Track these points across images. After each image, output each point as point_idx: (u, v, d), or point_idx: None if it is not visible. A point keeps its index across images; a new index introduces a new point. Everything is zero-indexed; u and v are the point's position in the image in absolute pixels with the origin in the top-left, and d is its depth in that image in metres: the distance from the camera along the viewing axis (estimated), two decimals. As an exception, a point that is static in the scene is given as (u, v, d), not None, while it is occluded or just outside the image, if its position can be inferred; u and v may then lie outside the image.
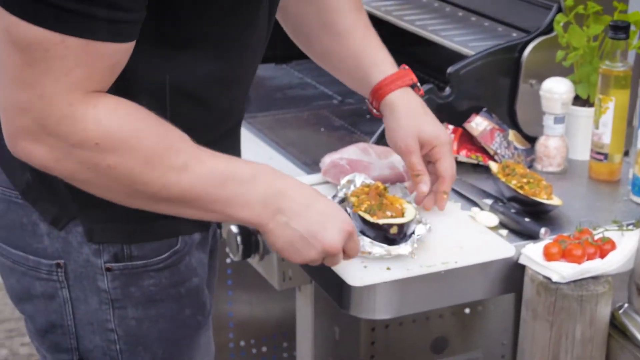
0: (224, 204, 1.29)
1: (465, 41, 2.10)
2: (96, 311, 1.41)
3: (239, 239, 1.90)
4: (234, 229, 1.92)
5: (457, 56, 2.03)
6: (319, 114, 2.21)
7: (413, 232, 1.55)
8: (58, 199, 1.37)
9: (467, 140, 1.92)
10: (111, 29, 1.18)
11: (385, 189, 1.58)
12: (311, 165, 1.87)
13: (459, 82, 1.92)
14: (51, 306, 1.42)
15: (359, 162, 1.76)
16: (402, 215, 1.54)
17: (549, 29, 1.96)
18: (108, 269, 1.38)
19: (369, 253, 1.53)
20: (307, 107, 2.25)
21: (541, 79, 1.93)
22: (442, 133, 1.60)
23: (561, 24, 1.93)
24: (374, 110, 1.66)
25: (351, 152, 1.79)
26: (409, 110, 1.60)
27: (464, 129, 1.92)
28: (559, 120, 1.89)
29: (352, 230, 1.38)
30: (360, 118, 2.19)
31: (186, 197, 1.27)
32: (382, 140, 1.87)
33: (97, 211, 1.36)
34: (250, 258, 1.93)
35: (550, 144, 1.90)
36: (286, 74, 2.45)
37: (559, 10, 1.96)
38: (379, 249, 1.53)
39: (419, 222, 1.57)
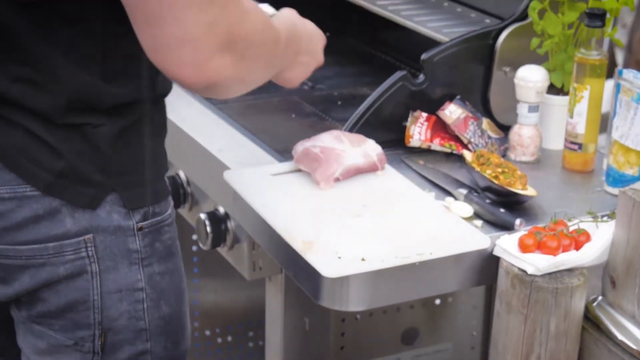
0: (294, 53, 1.54)
1: (439, 27, 2.07)
2: (126, 275, 1.43)
3: (208, 227, 1.87)
4: (203, 216, 1.89)
5: (431, 42, 2.00)
6: (290, 100, 2.17)
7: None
8: (93, 180, 1.38)
9: (441, 128, 1.89)
10: None
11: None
12: (283, 152, 1.84)
13: (432, 69, 1.89)
14: (75, 284, 1.41)
15: (332, 150, 1.73)
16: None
17: (524, 15, 1.94)
18: (140, 229, 1.43)
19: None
20: (278, 93, 2.20)
21: (515, 66, 1.90)
22: None
23: (536, 10, 1.90)
24: None
25: (324, 139, 1.76)
26: None
27: (438, 117, 1.90)
28: (533, 108, 1.87)
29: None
30: (331, 104, 2.16)
31: (277, 64, 1.47)
32: (355, 128, 1.84)
33: (131, 179, 1.41)
34: (219, 247, 1.90)
35: (524, 133, 1.88)
36: (255, 58, 2.41)
37: (534, -4, 1.94)
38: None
39: None
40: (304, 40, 1.59)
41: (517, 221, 1.62)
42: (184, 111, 2.03)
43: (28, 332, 1.47)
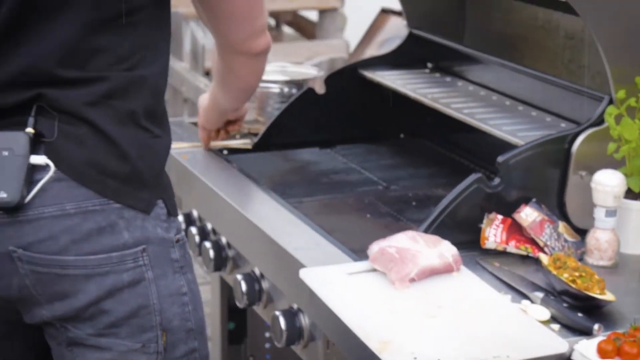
0: None
1: (514, 130, 2.09)
2: (172, 281, 1.63)
3: (283, 325, 1.88)
4: (278, 313, 1.90)
5: (506, 145, 2.02)
6: (365, 199, 2.20)
7: None
8: (150, 185, 1.60)
9: (516, 230, 1.90)
10: None
11: None
12: (358, 252, 1.85)
13: (508, 172, 1.91)
14: (136, 291, 1.59)
15: (407, 250, 1.74)
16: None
17: (600, 120, 1.95)
18: (177, 241, 1.64)
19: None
20: (353, 193, 2.24)
21: (592, 170, 1.90)
22: None
23: (613, 116, 1.91)
24: None
25: (400, 239, 1.77)
26: None
27: (513, 219, 1.90)
28: (610, 213, 1.87)
29: None
30: (406, 205, 2.18)
31: None
32: (430, 229, 1.86)
33: (169, 191, 1.65)
34: (294, 345, 1.90)
35: (601, 237, 1.87)
36: (331, 159, 2.45)
37: (610, 102, 1.95)
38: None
39: None
40: None
41: (596, 326, 1.60)
42: (260, 210, 2.06)
43: (90, 349, 1.60)
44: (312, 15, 7.02)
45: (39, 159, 1.53)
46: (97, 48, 1.55)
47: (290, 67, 2.65)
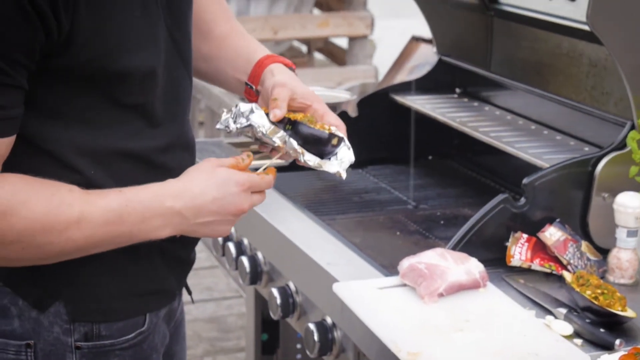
0: (128, 237, 1.43)
1: (539, 153, 2.16)
2: None
3: (316, 336, 1.96)
4: (311, 326, 1.98)
5: (531, 168, 2.09)
6: (395, 218, 2.28)
7: (336, 153, 1.62)
8: (41, 281, 1.46)
9: (541, 249, 1.97)
10: None
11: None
12: (389, 267, 1.93)
13: (533, 193, 1.98)
14: None
15: (436, 267, 1.82)
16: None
17: (622, 144, 2.02)
18: (77, 347, 1.48)
19: (302, 154, 1.58)
20: (383, 211, 2.32)
21: (614, 192, 1.97)
22: (315, 95, 1.70)
23: (635, 140, 1.98)
24: (253, 88, 1.73)
25: (429, 256, 1.85)
26: (288, 75, 1.70)
27: (538, 238, 1.98)
28: (631, 233, 1.94)
29: (245, 208, 1.51)
30: (434, 223, 2.25)
31: (93, 242, 1.40)
32: (458, 246, 1.93)
33: (82, 291, 1.47)
34: (325, 356, 1.98)
35: (622, 257, 1.94)
36: (362, 178, 2.54)
37: (632, 127, 2.02)
38: (312, 158, 1.58)
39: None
40: (196, 208, 1.48)
41: (617, 341, 1.67)
42: (295, 226, 2.15)
43: None
44: (343, 42, 7.13)
45: None
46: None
47: (323, 90, 2.73)
